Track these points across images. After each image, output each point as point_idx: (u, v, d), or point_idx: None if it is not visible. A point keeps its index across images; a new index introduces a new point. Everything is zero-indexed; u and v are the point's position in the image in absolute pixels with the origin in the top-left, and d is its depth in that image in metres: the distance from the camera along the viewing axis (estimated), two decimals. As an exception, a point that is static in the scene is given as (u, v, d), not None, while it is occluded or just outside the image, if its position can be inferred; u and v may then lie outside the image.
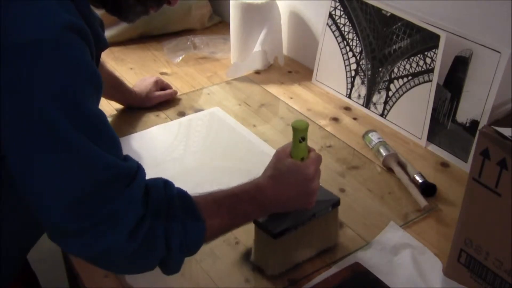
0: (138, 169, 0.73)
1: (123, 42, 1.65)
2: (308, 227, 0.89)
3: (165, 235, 0.72)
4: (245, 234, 0.96)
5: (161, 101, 1.33)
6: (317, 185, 0.85)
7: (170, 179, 1.02)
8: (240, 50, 1.50)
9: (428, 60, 1.16)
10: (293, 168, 0.82)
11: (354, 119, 1.31)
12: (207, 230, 0.76)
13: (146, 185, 0.73)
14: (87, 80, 0.69)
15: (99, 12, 1.59)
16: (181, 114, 1.31)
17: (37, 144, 0.66)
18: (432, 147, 1.19)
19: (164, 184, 0.76)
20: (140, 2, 0.87)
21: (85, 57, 0.70)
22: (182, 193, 0.77)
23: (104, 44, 0.86)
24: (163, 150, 1.18)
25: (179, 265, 0.77)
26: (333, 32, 1.37)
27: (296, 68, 1.53)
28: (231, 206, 0.80)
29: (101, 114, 0.71)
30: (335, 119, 1.30)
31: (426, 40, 1.15)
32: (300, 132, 0.83)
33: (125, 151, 0.74)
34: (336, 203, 0.92)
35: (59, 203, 0.67)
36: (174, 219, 0.73)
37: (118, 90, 1.29)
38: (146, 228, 0.71)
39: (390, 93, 1.26)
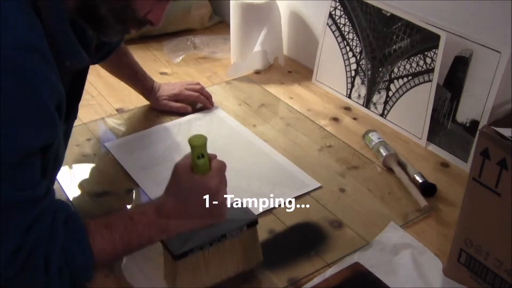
0: (29, 200, 0.70)
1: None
2: (218, 248, 0.81)
3: (44, 264, 0.70)
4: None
5: (167, 111, 1.31)
6: (222, 197, 0.79)
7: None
8: (240, 50, 1.50)
9: (428, 60, 1.16)
10: (195, 184, 0.77)
11: (354, 119, 1.31)
12: (95, 256, 0.74)
13: (36, 214, 0.70)
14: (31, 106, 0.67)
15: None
16: (181, 114, 1.31)
17: None
18: (432, 147, 1.19)
19: (56, 209, 0.73)
20: (120, 21, 0.80)
21: (37, 81, 0.67)
22: (71, 218, 0.74)
23: (81, 60, 0.82)
24: (163, 150, 1.18)
25: None
26: (333, 32, 1.37)
27: (296, 68, 1.53)
28: (126, 230, 0.76)
29: (28, 146, 0.68)
30: (335, 119, 1.30)
31: (426, 40, 1.15)
32: (197, 149, 0.76)
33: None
34: (252, 222, 0.83)
35: None
36: (55, 247, 0.71)
37: (133, 84, 1.32)
38: (23, 256, 0.69)
39: (390, 93, 1.26)
